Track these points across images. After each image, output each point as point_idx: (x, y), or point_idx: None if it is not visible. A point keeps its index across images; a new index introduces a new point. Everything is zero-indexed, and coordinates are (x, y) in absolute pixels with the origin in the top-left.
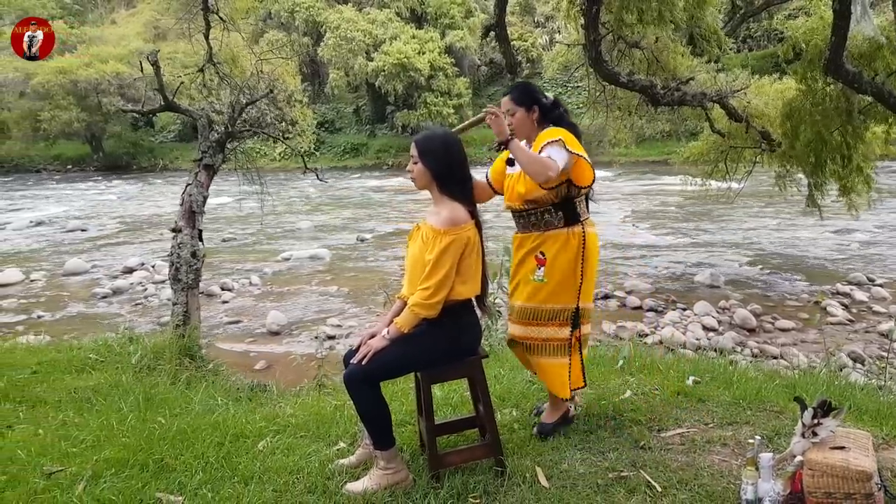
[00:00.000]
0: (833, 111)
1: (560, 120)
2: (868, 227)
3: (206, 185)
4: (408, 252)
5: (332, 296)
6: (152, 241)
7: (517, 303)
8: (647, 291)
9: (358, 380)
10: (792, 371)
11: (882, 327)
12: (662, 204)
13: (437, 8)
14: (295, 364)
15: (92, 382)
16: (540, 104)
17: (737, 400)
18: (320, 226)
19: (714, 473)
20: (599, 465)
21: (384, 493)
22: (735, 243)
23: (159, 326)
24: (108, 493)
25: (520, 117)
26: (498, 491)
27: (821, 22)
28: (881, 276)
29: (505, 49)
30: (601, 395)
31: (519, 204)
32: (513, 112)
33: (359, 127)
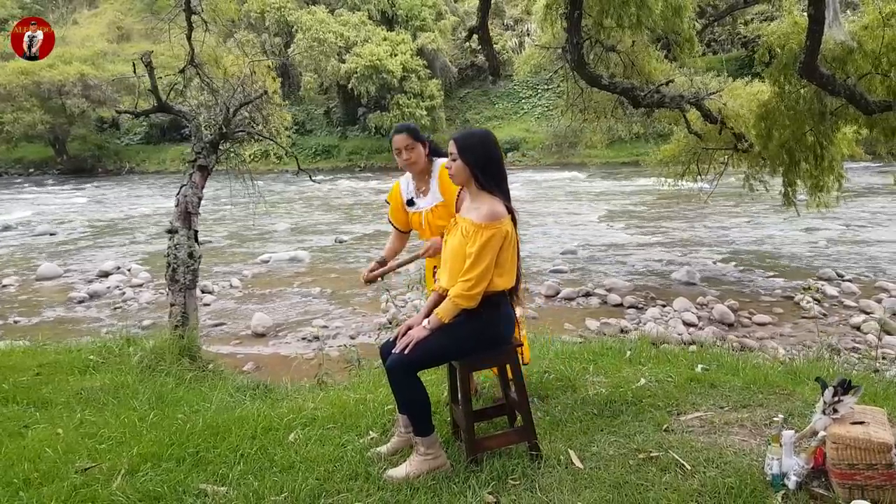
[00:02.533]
0: (806, 113)
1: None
2: (834, 225)
3: (201, 186)
4: (445, 245)
5: (315, 297)
6: (125, 244)
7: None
8: (627, 289)
9: (400, 369)
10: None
11: (854, 320)
12: (635, 204)
13: (407, 10)
14: (296, 363)
15: (97, 383)
16: (425, 140)
17: (747, 385)
18: (296, 228)
19: (737, 452)
20: (627, 446)
21: (426, 477)
22: (707, 241)
23: (141, 330)
24: (150, 485)
25: (419, 152)
26: (535, 473)
27: (795, 27)
28: (849, 272)
29: (488, 51)
30: (618, 384)
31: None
32: (412, 147)
33: (330, 129)
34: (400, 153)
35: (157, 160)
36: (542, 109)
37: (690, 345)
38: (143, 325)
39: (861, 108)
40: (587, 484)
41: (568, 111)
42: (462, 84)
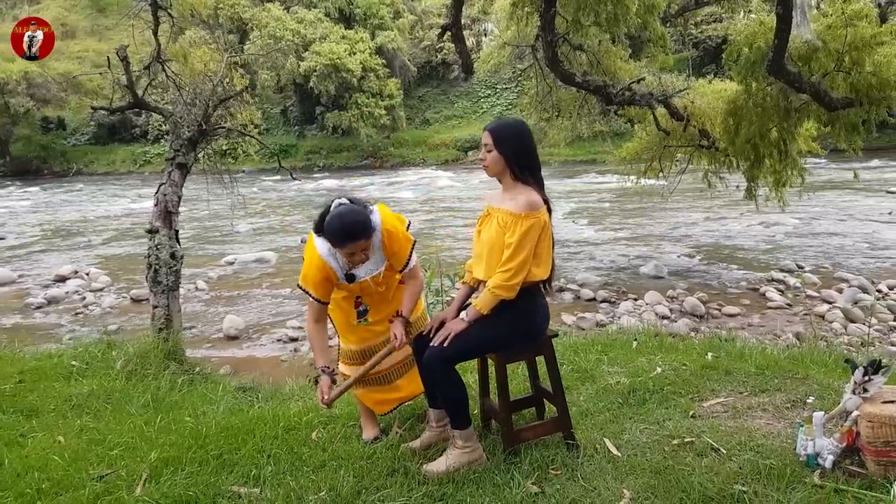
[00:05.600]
0: (772, 109)
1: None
2: (791, 219)
3: (181, 185)
4: (479, 238)
5: (286, 298)
6: (79, 248)
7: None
8: (599, 284)
9: (439, 362)
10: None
11: (818, 310)
12: (598, 201)
13: (365, 8)
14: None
15: (85, 389)
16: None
17: (760, 370)
18: (259, 229)
19: (765, 435)
20: (660, 433)
21: (465, 471)
22: (671, 237)
23: (106, 335)
24: (178, 489)
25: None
26: (575, 462)
27: (761, 26)
28: (808, 264)
29: (461, 49)
30: (635, 373)
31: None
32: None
33: (287, 128)
34: (353, 256)
35: (106, 161)
36: (502, 109)
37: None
38: (109, 331)
39: (825, 105)
40: (628, 471)
41: (534, 110)
42: (421, 83)
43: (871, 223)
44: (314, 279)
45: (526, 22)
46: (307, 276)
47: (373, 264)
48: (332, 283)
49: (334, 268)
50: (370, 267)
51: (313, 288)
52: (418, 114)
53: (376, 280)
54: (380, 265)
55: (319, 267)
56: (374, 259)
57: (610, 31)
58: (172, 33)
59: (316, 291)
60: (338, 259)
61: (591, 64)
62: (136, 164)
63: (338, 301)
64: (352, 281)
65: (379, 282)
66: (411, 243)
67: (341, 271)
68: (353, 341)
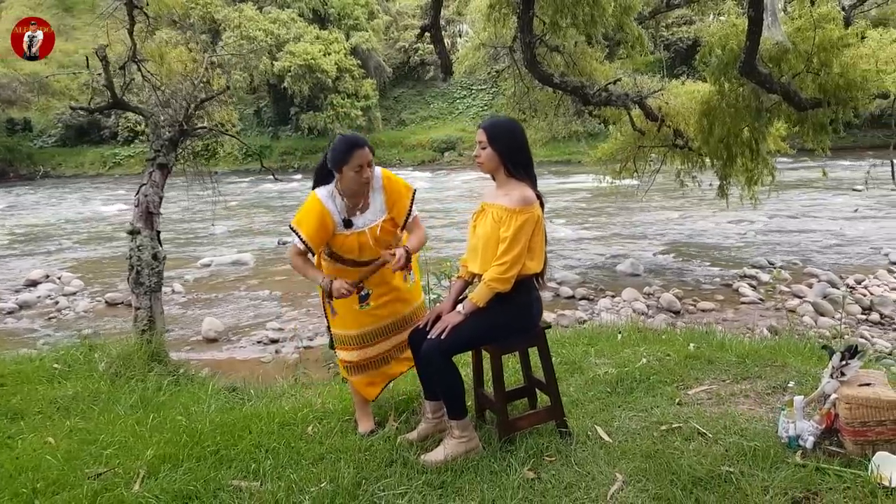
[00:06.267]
0: (745, 110)
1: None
2: (761, 217)
3: (162, 185)
4: (474, 233)
5: (265, 300)
6: (50, 252)
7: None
8: (577, 282)
9: (437, 354)
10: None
11: (789, 304)
12: (574, 201)
13: (340, 9)
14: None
15: (69, 391)
16: None
17: (741, 359)
18: (235, 231)
19: (748, 419)
20: (648, 420)
21: (463, 459)
22: (645, 235)
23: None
24: (178, 484)
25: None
26: (568, 449)
27: (733, 29)
28: (779, 260)
29: (440, 50)
30: (621, 364)
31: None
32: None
33: (261, 129)
34: (361, 170)
35: (74, 163)
36: (478, 109)
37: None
38: (84, 335)
39: (794, 105)
40: (620, 456)
41: (511, 110)
42: (397, 84)
43: (838, 220)
44: (309, 223)
45: (503, 23)
46: (302, 220)
47: (372, 214)
48: (328, 232)
49: (332, 211)
50: (369, 217)
51: (305, 230)
52: (394, 115)
53: (374, 233)
54: (379, 216)
55: (318, 211)
56: (374, 207)
57: (587, 33)
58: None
59: (308, 235)
60: (336, 203)
61: (567, 65)
62: (106, 167)
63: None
64: (349, 227)
65: (377, 236)
66: (412, 191)
67: (339, 216)
68: (352, 326)
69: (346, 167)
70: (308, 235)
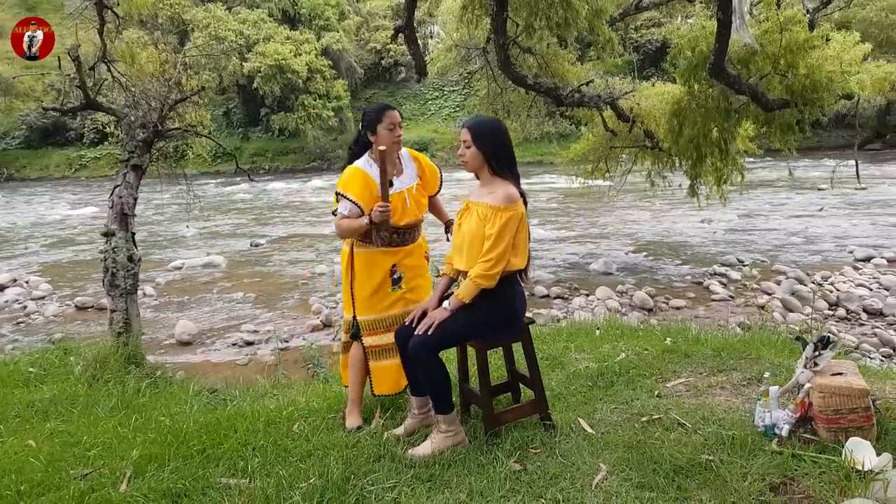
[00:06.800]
0: (714, 110)
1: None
2: (730, 216)
3: (136, 186)
4: (459, 230)
5: (239, 302)
6: (16, 256)
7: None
8: (551, 281)
9: (424, 349)
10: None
11: (758, 301)
12: (546, 201)
13: (310, 9)
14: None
15: (46, 395)
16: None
17: (717, 352)
18: (206, 233)
19: (726, 410)
20: (629, 412)
21: (449, 452)
22: (617, 234)
23: (52, 344)
24: (167, 483)
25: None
26: (553, 441)
27: (703, 31)
28: (748, 258)
29: (414, 51)
30: (601, 359)
31: (412, 220)
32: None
33: (230, 130)
34: (394, 129)
35: (39, 166)
36: (450, 110)
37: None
38: (53, 339)
39: (762, 106)
40: (603, 447)
41: (485, 111)
42: (368, 85)
43: (804, 218)
44: (355, 186)
45: (475, 25)
46: (348, 184)
47: (407, 178)
48: (372, 194)
49: (373, 175)
50: (405, 180)
51: (354, 192)
52: None
53: (411, 193)
54: (412, 179)
55: (361, 175)
56: (407, 173)
57: (560, 35)
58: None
59: (357, 196)
60: (374, 170)
61: (539, 66)
62: (72, 169)
63: (371, 270)
64: (390, 188)
65: (414, 196)
66: (439, 169)
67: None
68: (378, 311)
69: (381, 126)
70: (357, 196)
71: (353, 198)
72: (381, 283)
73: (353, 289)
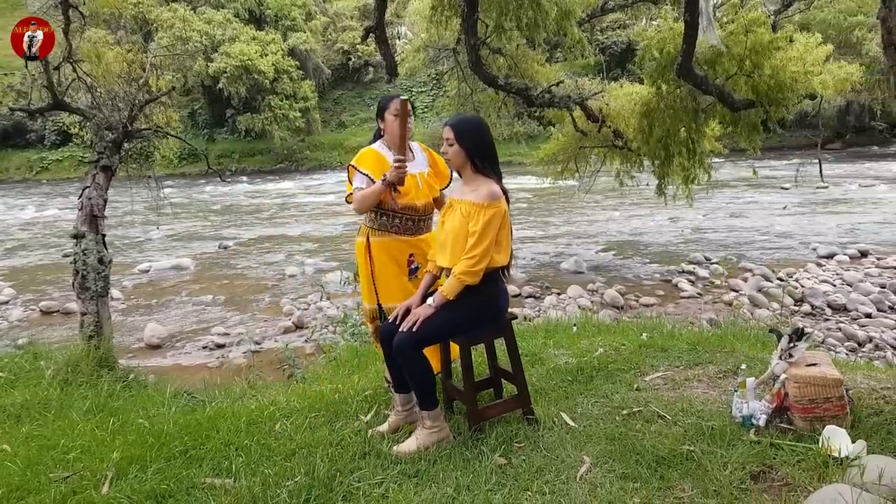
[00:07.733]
0: (682, 111)
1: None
2: (696, 215)
3: (106, 188)
4: (442, 228)
5: (209, 305)
6: None
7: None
8: (523, 280)
9: (409, 346)
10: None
11: (726, 297)
12: (516, 201)
13: (277, 10)
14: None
15: (18, 399)
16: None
17: (692, 346)
18: (172, 235)
19: (704, 402)
20: (609, 405)
21: (434, 448)
22: (587, 234)
23: (17, 349)
24: (150, 484)
25: None
26: (536, 435)
27: (670, 32)
28: (714, 256)
29: (385, 51)
30: (579, 354)
31: (424, 200)
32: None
33: (195, 132)
34: (399, 115)
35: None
36: (419, 111)
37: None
38: (17, 345)
39: (728, 106)
40: (586, 440)
41: (455, 111)
42: (336, 86)
43: (768, 217)
44: (368, 161)
45: (445, 25)
46: (360, 160)
47: (419, 164)
48: (383, 171)
49: (387, 156)
50: (417, 165)
51: (366, 166)
52: (334, 116)
53: (423, 177)
54: (424, 166)
55: (374, 153)
56: (419, 161)
57: (530, 35)
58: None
59: (370, 169)
60: (387, 154)
61: (509, 67)
62: (33, 171)
63: (389, 257)
64: None
65: (426, 180)
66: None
67: (393, 161)
68: (398, 299)
69: (388, 112)
70: (370, 169)
71: (366, 171)
72: (400, 270)
73: (374, 276)
